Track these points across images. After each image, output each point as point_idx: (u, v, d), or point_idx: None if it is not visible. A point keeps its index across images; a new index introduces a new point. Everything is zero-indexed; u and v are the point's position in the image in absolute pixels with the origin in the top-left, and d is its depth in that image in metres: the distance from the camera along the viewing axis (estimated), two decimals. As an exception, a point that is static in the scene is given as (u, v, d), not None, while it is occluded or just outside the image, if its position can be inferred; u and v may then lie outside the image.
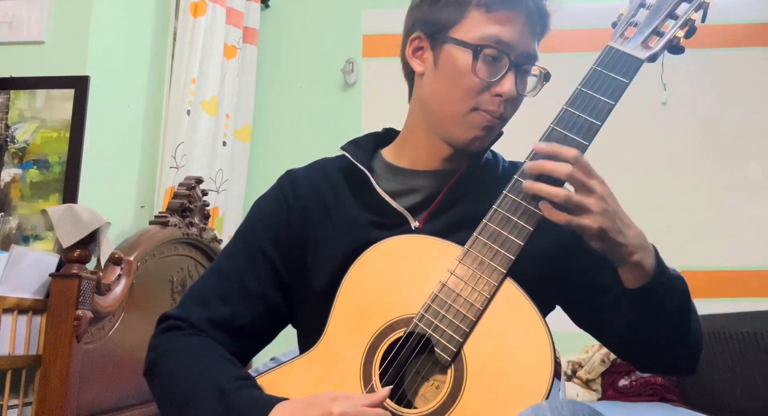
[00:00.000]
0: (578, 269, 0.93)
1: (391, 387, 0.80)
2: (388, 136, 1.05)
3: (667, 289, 0.85)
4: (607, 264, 0.91)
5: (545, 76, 0.95)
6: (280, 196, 0.99)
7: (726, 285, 2.62)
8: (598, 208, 0.78)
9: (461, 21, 0.91)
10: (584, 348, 2.53)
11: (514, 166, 1.01)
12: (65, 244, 1.59)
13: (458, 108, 0.91)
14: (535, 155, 0.82)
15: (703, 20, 0.85)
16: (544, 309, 0.94)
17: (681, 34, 0.84)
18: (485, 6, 0.89)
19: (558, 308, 0.99)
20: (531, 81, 0.95)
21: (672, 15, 0.85)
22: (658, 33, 0.85)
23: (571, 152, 0.79)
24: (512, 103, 0.92)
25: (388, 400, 0.79)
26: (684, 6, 0.85)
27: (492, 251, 0.81)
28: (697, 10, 0.84)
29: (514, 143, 1.10)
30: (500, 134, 0.97)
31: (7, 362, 1.47)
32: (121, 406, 1.77)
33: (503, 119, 0.92)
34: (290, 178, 1.02)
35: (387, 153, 1.02)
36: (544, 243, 0.88)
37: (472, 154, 0.95)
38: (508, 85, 0.89)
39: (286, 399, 0.79)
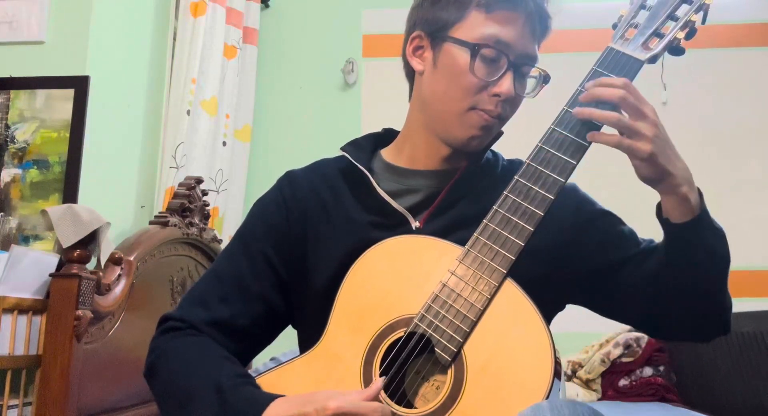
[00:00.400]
0: (591, 257, 0.93)
1: (385, 378, 0.80)
2: (387, 136, 1.06)
3: (712, 227, 0.85)
4: (617, 242, 0.93)
5: (544, 78, 0.95)
6: (279, 197, 1.00)
7: (726, 285, 2.62)
8: (651, 133, 0.79)
9: (461, 21, 0.91)
10: (584, 348, 2.53)
11: (514, 165, 1.01)
12: (65, 244, 1.59)
13: (456, 107, 0.91)
14: (581, 92, 0.82)
15: (703, 22, 0.85)
16: (551, 310, 0.94)
17: (681, 35, 0.84)
18: (485, 6, 0.90)
19: (564, 308, 0.99)
20: (530, 82, 0.95)
21: (672, 16, 0.85)
22: (658, 34, 0.85)
23: (620, 80, 0.80)
24: (511, 103, 0.92)
25: (388, 400, 0.79)
26: (684, 7, 0.85)
27: (492, 251, 0.81)
28: (697, 11, 0.84)
29: (514, 143, 1.10)
30: (500, 133, 0.97)
31: (7, 362, 1.47)
32: (121, 406, 1.77)
33: (501, 119, 0.93)
34: (289, 179, 1.02)
35: (386, 153, 1.02)
36: (548, 242, 0.88)
37: (471, 153, 0.95)
38: (506, 84, 0.89)
39: (283, 395, 0.80)
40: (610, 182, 2.21)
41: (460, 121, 0.91)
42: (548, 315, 0.86)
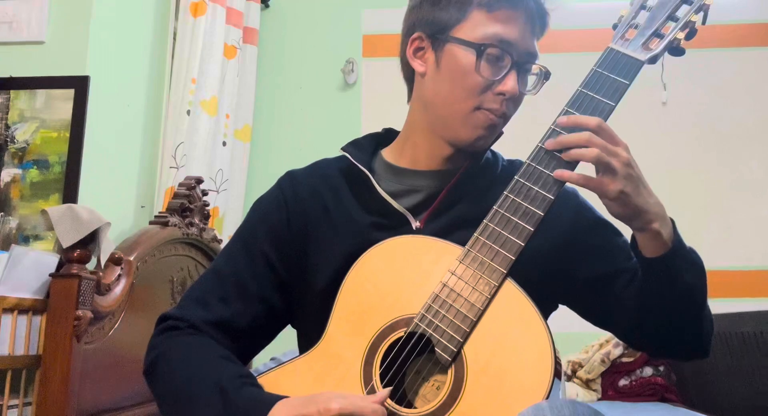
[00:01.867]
0: (583, 264, 0.94)
1: (391, 388, 0.80)
2: (388, 136, 1.05)
3: (686, 260, 0.86)
4: (610, 253, 0.93)
5: (545, 75, 0.95)
6: (280, 196, 0.99)
7: (726, 285, 2.62)
8: (623, 172, 0.79)
9: (463, 21, 0.91)
10: (584, 348, 2.53)
11: (513, 165, 1.01)
12: (65, 244, 1.59)
13: (461, 107, 0.91)
14: (552, 132, 0.83)
15: (703, 22, 0.85)
16: (547, 310, 0.95)
17: (681, 35, 0.84)
18: (487, 6, 0.90)
19: (558, 308, 0.99)
20: (531, 79, 0.95)
21: (672, 17, 0.85)
22: (658, 35, 0.85)
23: (593, 120, 0.80)
24: (514, 101, 0.92)
25: (388, 400, 0.79)
26: (684, 8, 0.85)
27: (492, 251, 0.81)
28: (697, 12, 0.84)
29: (514, 143, 1.10)
30: (500, 133, 0.97)
31: (7, 362, 1.47)
32: (121, 406, 1.77)
33: (505, 118, 0.93)
34: (290, 179, 1.02)
35: (387, 153, 1.02)
36: (545, 243, 0.88)
37: (473, 153, 0.96)
38: (510, 83, 0.89)
39: (286, 396, 0.80)
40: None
41: (465, 122, 0.91)
42: (545, 315, 0.87)
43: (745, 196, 2.75)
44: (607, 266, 0.93)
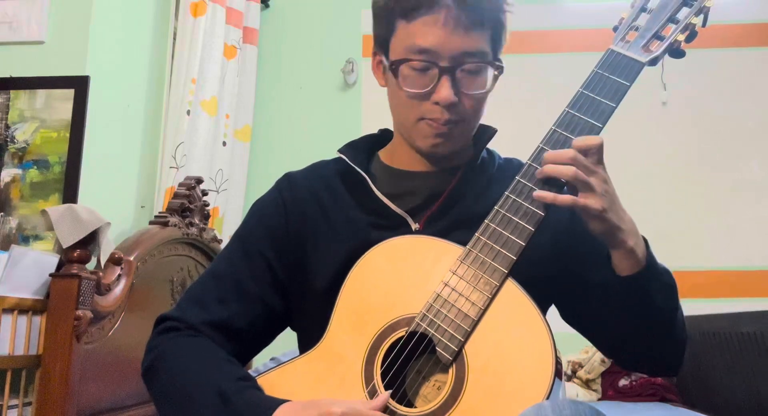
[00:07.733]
0: (573, 268, 0.93)
1: (390, 392, 0.80)
2: (384, 137, 1.06)
3: (658, 279, 0.86)
4: (599, 263, 0.91)
5: (498, 69, 0.90)
6: (278, 199, 1.00)
7: (726, 285, 2.62)
8: (601, 189, 0.79)
9: (393, 35, 0.92)
10: (584, 348, 2.53)
11: (510, 163, 1.01)
12: (65, 244, 1.59)
13: (406, 119, 0.93)
14: (537, 155, 0.83)
15: (704, 25, 0.85)
16: (543, 309, 0.95)
17: (682, 37, 0.85)
18: (405, 17, 0.89)
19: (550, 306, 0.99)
20: (491, 74, 0.91)
21: (673, 19, 0.85)
22: (659, 37, 0.85)
23: (568, 152, 0.80)
24: (462, 104, 0.89)
25: (389, 399, 0.79)
26: (685, 10, 0.85)
27: (493, 251, 0.81)
28: (697, 14, 0.84)
29: (514, 143, 1.10)
30: (494, 131, 0.98)
31: (7, 362, 1.47)
32: (121, 406, 1.78)
33: (457, 122, 0.90)
34: (288, 181, 1.02)
35: (383, 155, 1.02)
36: (544, 243, 0.88)
37: (440, 158, 0.95)
38: (443, 92, 0.87)
39: (287, 400, 0.79)
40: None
41: (414, 132, 0.92)
42: (544, 314, 0.86)
43: (745, 196, 2.75)
44: (596, 273, 0.90)
